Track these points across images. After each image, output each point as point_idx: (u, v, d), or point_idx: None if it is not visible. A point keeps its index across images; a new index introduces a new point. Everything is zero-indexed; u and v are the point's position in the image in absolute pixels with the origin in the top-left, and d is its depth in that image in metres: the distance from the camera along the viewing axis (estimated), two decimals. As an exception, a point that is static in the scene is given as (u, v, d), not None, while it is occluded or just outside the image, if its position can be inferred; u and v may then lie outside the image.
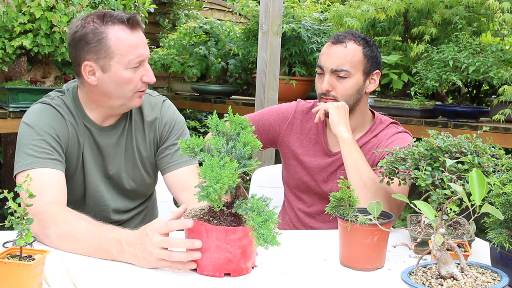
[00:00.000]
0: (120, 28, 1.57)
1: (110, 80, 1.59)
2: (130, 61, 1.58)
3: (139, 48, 1.59)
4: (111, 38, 1.56)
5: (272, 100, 3.46)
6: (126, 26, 1.58)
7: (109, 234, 1.35)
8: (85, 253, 1.36)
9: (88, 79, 1.60)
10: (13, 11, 2.62)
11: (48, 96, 1.70)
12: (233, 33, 4.82)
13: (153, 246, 1.27)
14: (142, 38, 1.62)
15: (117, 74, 1.58)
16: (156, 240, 1.27)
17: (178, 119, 1.81)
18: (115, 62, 1.57)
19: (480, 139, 1.49)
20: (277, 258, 1.38)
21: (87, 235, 1.37)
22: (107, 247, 1.34)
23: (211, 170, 1.14)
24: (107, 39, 1.56)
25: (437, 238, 1.02)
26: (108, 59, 1.57)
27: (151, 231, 1.29)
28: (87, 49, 1.57)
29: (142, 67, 1.62)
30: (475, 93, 4.33)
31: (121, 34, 1.57)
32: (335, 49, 1.90)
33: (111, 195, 1.75)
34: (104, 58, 1.57)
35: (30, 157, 1.55)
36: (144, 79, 1.62)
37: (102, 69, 1.58)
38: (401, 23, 3.77)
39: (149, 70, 1.63)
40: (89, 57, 1.58)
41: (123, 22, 1.58)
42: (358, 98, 1.92)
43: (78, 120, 1.68)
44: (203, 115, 5.96)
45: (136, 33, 1.60)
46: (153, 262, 1.27)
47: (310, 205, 2.02)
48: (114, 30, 1.57)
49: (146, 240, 1.28)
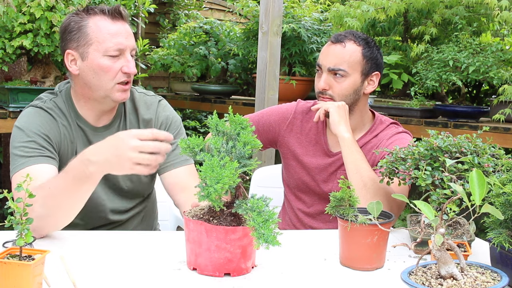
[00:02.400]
0: (101, 18, 1.60)
1: (88, 68, 1.60)
2: (107, 49, 1.59)
3: (118, 37, 1.60)
4: (91, 26, 1.59)
5: (272, 100, 3.46)
6: (108, 16, 1.61)
7: (71, 163, 1.40)
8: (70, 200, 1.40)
9: (70, 68, 1.63)
10: (13, 11, 2.62)
11: (40, 99, 1.70)
12: (233, 33, 4.82)
13: (131, 150, 1.30)
14: (124, 29, 1.63)
15: (95, 62, 1.59)
16: (134, 144, 1.30)
17: (174, 119, 1.81)
18: (93, 49, 1.59)
19: (480, 139, 1.49)
20: (277, 258, 1.38)
21: (57, 182, 1.41)
22: (76, 173, 1.37)
23: (211, 170, 1.13)
24: (87, 27, 1.59)
25: (437, 238, 1.02)
26: (87, 47, 1.59)
27: (128, 136, 1.33)
28: (69, 38, 1.61)
29: (123, 57, 1.62)
30: (475, 93, 4.33)
31: (100, 23, 1.60)
32: (333, 48, 1.90)
33: (107, 195, 1.75)
34: (83, 45, 1.60)
35: (21, 158, 1.56)
36: (123, 69, 1.62)
37: (82, 56, 1.61)
38: (401, 23, 3.77)
39: (130, 61, 1.63)
40: (70, 45, 1.62)
41: (104, 12, 1.61)
42: (355, 98, 1.91)
43: (71, 121, 1.68)
44: (203, 115, 5.95)
45: (118, 22, 1.62)
46: (128, 167, 1.31)
47: (310, 205, 2.02)
48: (94, 19, 1.60)
49: (123, 145, 1.31)
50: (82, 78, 1.63)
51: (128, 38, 1.63)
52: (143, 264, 1.31)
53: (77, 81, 1.66)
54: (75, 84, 1.68)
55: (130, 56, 1.63)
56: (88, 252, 1.39)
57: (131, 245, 1.47)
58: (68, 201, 1.40)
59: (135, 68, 1.64)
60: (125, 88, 1.65)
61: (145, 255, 1.38)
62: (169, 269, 1.28)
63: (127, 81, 1.65)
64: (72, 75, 1.66)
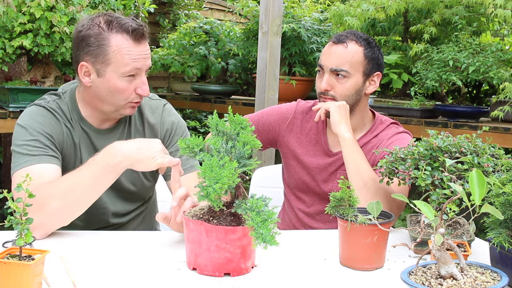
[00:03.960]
0: (124, 38, 1.56)
1: (103, 86, 1.59)
2: (126, 71, 1.57)
3: (138, 61, 1.58)
4: (112, 45, 1.55)
5: (272, 100, 3.46)
6: (130, 36, 1.56)
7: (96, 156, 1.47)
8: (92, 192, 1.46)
9: (83, 80, 1.61)
10: (13, 11, 2.62)
11: (43, 99, 1.69)
12: (233, 33, 4.81)
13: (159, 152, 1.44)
14: (145, 51, 1.60)
15: (111, 82, 1.58)
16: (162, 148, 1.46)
17: (179, 124, 1.80)
18: (111, 69, 1.57)
19: (480, 139, 1.49)
20: (277, 258, 1.38)
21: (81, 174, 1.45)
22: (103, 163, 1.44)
23: (210, 170, 1.14)
24: (108, 46, 1.55)
25: (437, 238, 1.02)
26: (105, 65, 1.57)
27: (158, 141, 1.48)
28: (87, 50, 1.57)
29: (139, 78, 1.61)
30: (475, 93, 4.33)
31: (122, 44, 1.56)
32: (335, 48, 1.90)
33: (109, 198, 1.75)
34: (101, 63, 1.57)
35: (24, 156, 1.55)
36: (138, 91, 1.61)
37: (97, 73, 1.58)
38: (401, 22, 3.77)
39: (145, 83, 1.62)
40: (87, 59, 1.58)
41: (128, 32, 1.56)
42: (357, 98, 1.92)
43: (74, 123, 1.68)
44: (203, 115, 5.95)
45: (139, 45, 1.58)
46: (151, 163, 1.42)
47: (310, 205, 2.02)
48: (117, 38, 1.56)
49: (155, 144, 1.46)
50: (94, 91, 1.62)
51: (145, 60, 1.60)
52: (143, 264, 1.31)
53: (87, 91, 1.65)
54: (84, 92, 1.67)
55: (145, 77, 1.62)
56: (88, 252, 1.39)
57: (131, 245, 1.47)
58: (90, 193, 1.45)
59: (148, 91, 1.64)
60: (135, 105, 1.66)
61: (145, 255, 1.38)
62: (169, 269, 1.28)
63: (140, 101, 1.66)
64: (83, 84, 1.63)
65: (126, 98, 1.62)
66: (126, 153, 1.44)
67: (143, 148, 1.45)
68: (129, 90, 1.60)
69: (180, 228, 1.40)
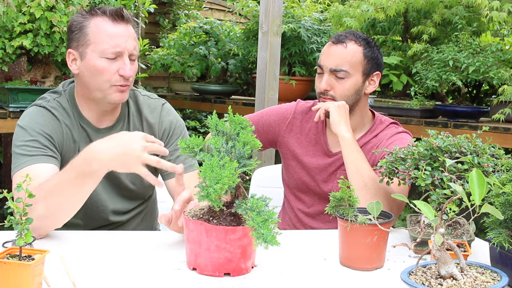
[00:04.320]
0: (103, 19, 1.60)
1: (85, 68, 1.61)
2: (104, 50, 1.58)
3: (117, 39, 1.59)
4: (91, 26, 1.60)
5: (272, 100, 3.46)
6: (109, 17, 1.60)
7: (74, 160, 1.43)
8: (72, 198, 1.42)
9: (71, 67, 1.65)
10: (13, 11, 2.62)
11: (44, 98, 1.70)
12: (233, 33, 4.82)
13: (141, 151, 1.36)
14: (126, 31, 1.62)
15: (91, 62, 1.60)
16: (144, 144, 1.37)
17: (177, 124, 1.80)
18: (90, 50, 1.60)
19: (480, 139, 1.49)
20: (277, 258, 1.38)
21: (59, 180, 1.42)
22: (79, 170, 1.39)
23: (211, 170, 1.14)
24: (87, 27, 1.60)
25: (437, 238, 1.02)
26: (85, 47, 1.60)
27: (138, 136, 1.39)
28: (71, 37, 1.63)
29: (121, 59, 1.61)
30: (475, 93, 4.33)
31: (101, 24, 1.60)
32: (335, 49, 1.90)
33: (109, 196, 1.75)
34: (82, 45, 1.61)
35: (23, 156, 1.56)
36: (120, 72, 1.61)
37: (81, 56, 1.62)
38: (401, 23, 3.77)
39: (127, 64, 1.61)
40: (72, 45, 1.64)
41: (106, 14, 1.61)
42: (357, 98, 1.92)
43: (74, 121, 1.69)
44: (203, 115, 5.95)
45: (119, 25, 1.61)
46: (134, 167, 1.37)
47: (310, 205, 2.02)
48: (96, 20, 1.61)
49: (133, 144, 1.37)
50: (80, 78, 1.65)
51: (127, 41, 1.61)
52: (143, 264, 1.31)
53: (77, 81, 1.68)
54: (76, 84, 1.70)
55: (128, 59, 1.61)
56: (88, 252, 1.39)
57: (131, 245, 1.47)
58: (69, 198, 1.41)
59: (131, 72, 1.62)
60: (122, 89, 1.63)
61: (145, 255, 1.38)
62: (169, 269, 1.28)
63: (125, 84, 1.64)
64: (74, 74, 1.67)
65: (109, 79, 1.60)
66: (102, 159, 1.38)
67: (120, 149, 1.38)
68: (110, 71, 1.60)
69: (180, 229, 1.39)
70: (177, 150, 1.72)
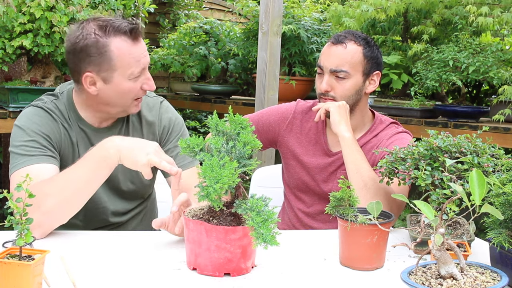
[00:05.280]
0: (122, 40, 1.56)
1: (112, 91, 1.60)
2: (132, 72, 1.58)
3: (140, 58, 1.59)
4: (113, 50, 1.55)
5: (272, 100, 3.46)
6: (128, 37, 1.57)
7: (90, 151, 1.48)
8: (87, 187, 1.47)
9: (89, 89, 1.60)
10: (13, 11, 2.62)
11: (41, 99, 1.69)
12: (233, 33, 4.82)
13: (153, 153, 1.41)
14: (143, 48, 1.62)
15: (120, 86, 1.59)
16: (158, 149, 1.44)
17: (176, 121, 1.80)
18: (117, 74, 1.57)
19: (480, 139, 1.49)
20: (277, 258, 1.38)
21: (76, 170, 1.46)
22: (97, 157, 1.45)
23: (211, 170, 1.14)
24: (110, 51, 1.54)
25: (437, 238, 1.02)
26: (111, 72, 1.57)
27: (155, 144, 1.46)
28: (89, 61, 1.56)
29: (143, 75, 1.62)
30: (475, 93, 4.33)
31: (123, 46, 1.56)
32: (335, 49, 1.90)
33: (109, 197, 1.75)
34: (106, 70, 1.56)
35: (22, 156, 1.56)
36: (144, 87, 1.63)
37: (104, 80, 1.58)
38: (401, 23, 3.77)
39: (149, 78, 1.64)
40: (91, 69, 1.57)
41: (125, 33, 1.56)
42: (357, 98, 1.92)
43: (72, 123, 1.68)
44: (203, 115, 5.96)
45: (138, 43, 1.59)
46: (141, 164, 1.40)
47: (310, 205, 2.02)
48: (116, 42, 1.55)
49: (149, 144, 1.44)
50: (101, 97, 1.62)
51: (146, 56, 1.62)
52: (143, 264, 1.31)
53: (92, 98, 1.63)
54: (87, 99, 1.66)
55: (148, 73, 1.64)
56: (88, 252, 1.39)
57: (131, 245, 1.47)
58: (84, 188, 1.46)
59: (154, 85, 1.66)
60: (140, 101, 1.68)
61: (145, 255, 1.38)
62: (169, 269, 1.28)
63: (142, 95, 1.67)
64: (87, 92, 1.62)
65: (134, 95, 1.64)
66: (120, 146, 1.44)
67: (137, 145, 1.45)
68: (136, 88, 1.62)
69: (179, 234, 1.41)
70: (177, 147, 1.73)
